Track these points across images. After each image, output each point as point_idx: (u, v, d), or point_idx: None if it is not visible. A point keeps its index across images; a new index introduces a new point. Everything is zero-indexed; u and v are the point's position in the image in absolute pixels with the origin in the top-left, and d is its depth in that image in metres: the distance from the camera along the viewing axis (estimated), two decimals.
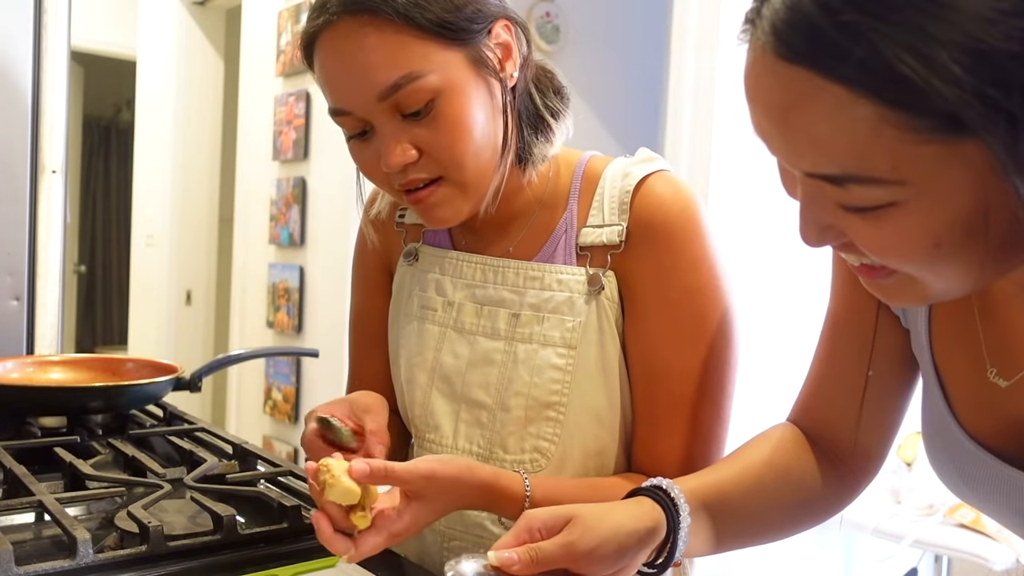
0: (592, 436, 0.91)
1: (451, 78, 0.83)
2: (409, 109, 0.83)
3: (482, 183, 0.88)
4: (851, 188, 0.52)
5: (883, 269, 0.58)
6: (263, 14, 3.47)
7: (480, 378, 0.94)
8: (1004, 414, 0.69)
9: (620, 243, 0.90)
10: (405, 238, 1.05)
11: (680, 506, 0.74)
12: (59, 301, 1.64)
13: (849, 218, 0.55)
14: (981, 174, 0.50)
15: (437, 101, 0.82)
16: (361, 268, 1.10)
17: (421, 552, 0.99)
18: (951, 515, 2.30)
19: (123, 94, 6.17)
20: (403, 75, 0.81)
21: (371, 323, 1.08)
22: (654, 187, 0.90)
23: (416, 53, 0.81)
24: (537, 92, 0.94)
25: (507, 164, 0.90)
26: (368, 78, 0.82)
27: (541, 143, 0.93)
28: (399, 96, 0.82)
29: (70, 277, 6.26)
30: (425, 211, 0.89)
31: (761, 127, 0.56)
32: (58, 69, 1.61)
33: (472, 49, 0.84)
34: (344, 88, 0.84)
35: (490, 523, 0.93)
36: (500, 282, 0.95)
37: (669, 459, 0.90)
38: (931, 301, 0.61)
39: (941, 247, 0.53)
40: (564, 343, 0.90)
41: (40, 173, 1.60)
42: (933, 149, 0.50)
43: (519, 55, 0.89)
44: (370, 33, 0.81)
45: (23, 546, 0.87)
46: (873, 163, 0.51)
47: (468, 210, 0.89)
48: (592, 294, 0.90)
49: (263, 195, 3.48)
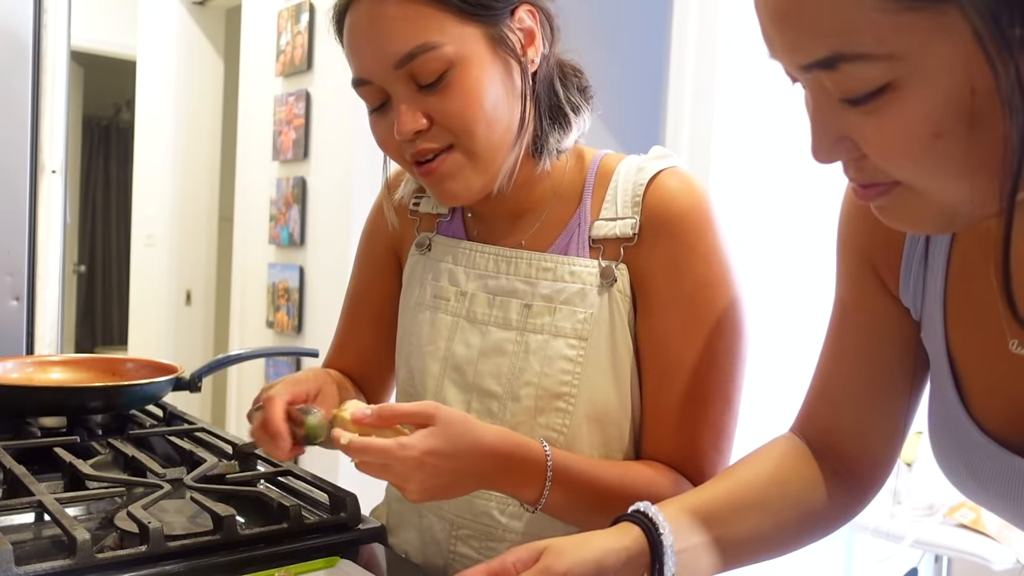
0: (601, 428, 0.91)
1: (466, 51, 0.85)
2: (424, 79, 0.85)
3: (494, 158, 0.89)
4: (844, 69, 0.53)
5: (884, 185, 0.58)
6: (263, 14, 3.47)
7: (492, 368, 0.94)
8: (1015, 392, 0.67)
9: (633, 236, 0.91)
10: (419, 227, 1.06)
11: (660, 523, 0.72)
12: (59, 301, 1.64)
13: (852, 118, 0.55)
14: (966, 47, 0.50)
15: (450, 72, 0.85)
16: (368, 247, 1.12)
17: (427, 542, 0.99)
18: (951, 515, 2.30)
19: (123, 94, 6.17)
20: (418, 45, 0.84)
21: (368, 302, 1.11)
22: (667, 182, 0.91)
23: (432, 24, 0.84)
24: (562, 86, 0.95)
25: (522, 147, 0.91)
26: (386, 47, 0.85)
27: (558, 134, 0.94)
28: (414, 65, 0.84)
29: (70, 277, 6.26)
30: (436, 183, 0.90)
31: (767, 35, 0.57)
32: (58, 69, 1.61)
33: (492, 27, 0.87)
34: (364, 57, 0.87)
35: (498, 512, 0.93)
36: (513, 272, 0.95)
37: (679, 452, 0.91)
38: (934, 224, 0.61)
39: (941, 137, 0.53)
40: (575, 334, 0.91)
41: (40, 173, 1.60)
42: (915, 19, 0.50)
43: (543, 43, 0.91)
44: (391, 4, 0.84)
45: (23, 546, 0.87)
46: (859, 37, 0.52)
47: (479, 186, 0.90)
48: (604, 286, 0.91)
49: (263, 195, 3.48)
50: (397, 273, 1.09)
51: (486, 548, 0.94)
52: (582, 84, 0.98)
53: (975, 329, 0.70)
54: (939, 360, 0.74)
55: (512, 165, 0.92)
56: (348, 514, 0.94)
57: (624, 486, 0.87)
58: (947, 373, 0.72)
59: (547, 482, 0.84)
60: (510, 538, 0.93)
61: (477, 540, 0.94)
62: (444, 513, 0.96)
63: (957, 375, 0.72)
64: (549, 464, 0.84)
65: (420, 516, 1.00)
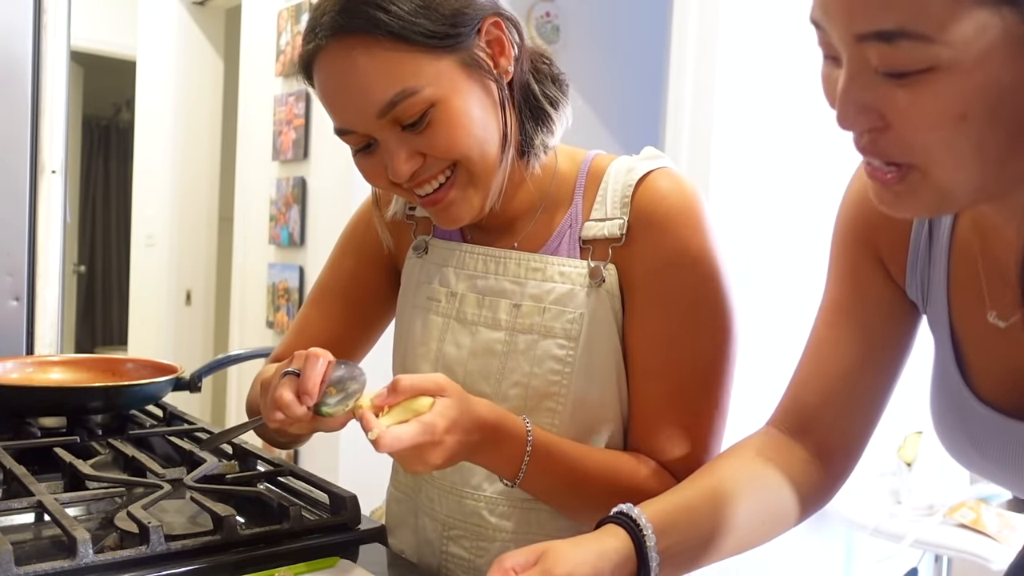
0: (589, 428, 0.91)
1: (444, 87, 0.84)
2: (407, 120, 0.85)
3: (491, 175, 0.89)
4: (900, 45, 0.55)
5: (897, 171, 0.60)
6: (263, 14, 3.47)
7: (481, 368, 0.94)
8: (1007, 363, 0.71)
9: (621, 236, 0.91)
10: (415, 230, 1.06)
11: (643, 525, 0.75)
12: (59, 301, 1.64)
13: (888, 89, 0.57)
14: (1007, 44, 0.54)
15: (432, 111, 0.84)
16: (357, 236, 1.11)
17: (421, 542, 0.99)
18: (951, 515, 2.30)
19: (123, 94, 6.17)
20: (397, 92, 0.83)
21: (347, 289, 1.10)
22: (656, 181, 0.91)
23: (407, 69, 0.83)
24: (536, 82, 0.95)
25: (509, 158, 0.91)
26: (364, 98, 0.84)
27: (543, 133, 0.94)
28: (397, 111, 0.84)
29: (70, 277, 6.26)
30: (440, 212, 0.90)
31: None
32: (58, 69, 1.61)
33: (463, 53, 0.86)
34: (344, 109, 0.86)
35: (487, 513, 0.93)
36: (502, 273, 0.95)
37: (668, 451, 0.91)
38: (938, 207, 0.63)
39: (966, 120, 0.56)
40: (564, 334, 0.91)
41: (40, 173, 1.60)
42: (978, 13, 0.53)
43: (513, 49, 0.90)
44: (360, 55, 0.83)
45: (23, 546, 0.87)
46: (926, 18, 0.54)
47: (480, 206, 0.91)
48: (593, 287, 0.91)
49: (263, 195, 3.48)
50: (386, 267, 1.09)
51: (477, 548, 0.94)
52: (553, 72, 0.97)
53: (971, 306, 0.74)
54: (943, 340, 0.77)
55: (503, 177, 0.91)
56: (348, 514, 0.94)
57: (604, 472, 0.88)
58: (950, 351, 0.76)
59: (526, 456, 0.84)
60: (501, 537, 0.93)
61: (468, 540, 0.95)
62: (436, 514, 0.97)
63: (959, 352, 0.75)
64: (529, 439, 0.85)
65: (415, 517, 1.00)
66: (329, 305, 1.11)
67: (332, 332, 1.09)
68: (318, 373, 0.79)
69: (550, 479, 0.87)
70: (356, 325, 1.10)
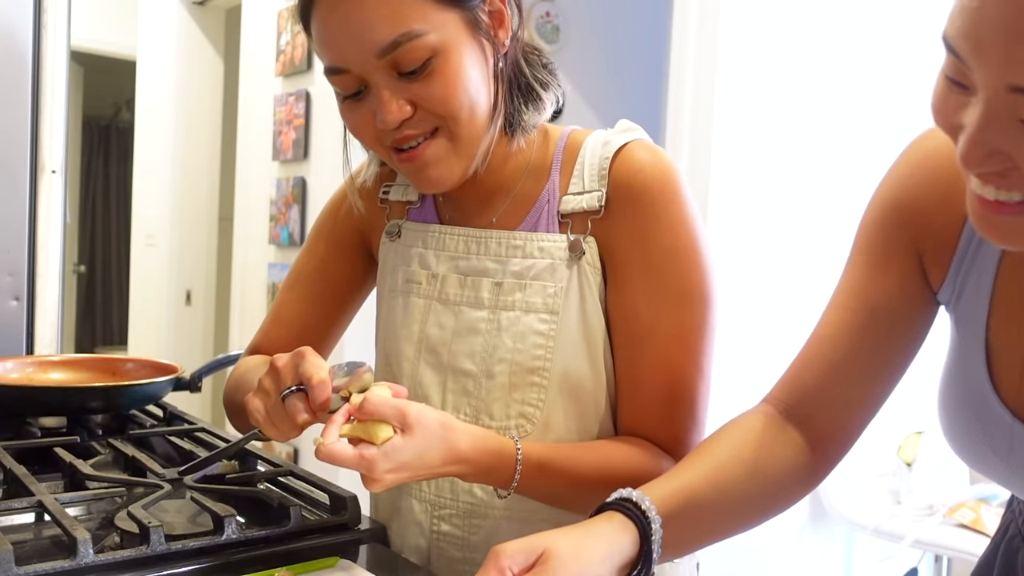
0: (576, 401, 0.92)
1: (448, 38, 0.84)
2: (406, 67, 0.84)
3: (475, 141, 0.90)
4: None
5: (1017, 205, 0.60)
6: (263, 14, 3.47)
7: (466, 347, 0.95)
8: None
9: (600, 208, 0.91)
10: (388, 215, 1.06)
11: (652, 518, 0.74)
12: (59, 301, 1.64)
13: None
14: None
15: (434, 60, 0.84)
16: (330, 223, 1.13)
17: (407, 524, 0.99)
18: (951, 515, 2.30)
19: (123, 94, 6.17)
20: (402, 33, 0.82)
21: (322, 277, 1.11)
22: (632, 153, 0.92)
23: (415, 12, 0.83)
24: (527, 64, 0.96)
25: (496, 127, 0.92)
26: (367, 35, 0.83)
27: (531, 112, 0.95)
28: (397, 54, 0.83)
29: (70, 277, 6.26)
30: (417, 171, 0.90)
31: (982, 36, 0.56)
32: (58, 69, 1.61)
33: (468, 11, 0.86)
34: (342, 46, 0.85)
35: (479, 489, 0.94)
36: (483, 252, 0.96)
37: (653, 420, 0.91)
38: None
39: None
40: (546, 309, 0.92)
41: (40, 173, 1.60)
42: None
43: (511, 24, 0.91)
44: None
45: (23, 546, 0.87)
46: None
47: (460, 171, 0.91)
48: (573, 260, 0.92)
49: (263, 195, 3.48)
50: (361, 255, 1.10)
51: (470, 525, 0.94)
52: (543, 61, 0.98)
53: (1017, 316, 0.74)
54: (973, 346, 0.77)
55: (488, 146, 0.92)
56: (348, 514, 0.94)
57: (599, 469, 0.88)
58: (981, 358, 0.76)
59: (516, 475, 0.84)
60: (493, 515, 0.93)
61: (460, 518, 0.95)
62: (424, 495, 0.97)
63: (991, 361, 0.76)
64: (519, 459, 0.84)
65: (400, 499, 1.00)
66: (303, 289, 1.12)
67: (306, 316, 1.11)
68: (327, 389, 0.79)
69: (545, 489, 0.87)
70: (329, 309, 1.11)
